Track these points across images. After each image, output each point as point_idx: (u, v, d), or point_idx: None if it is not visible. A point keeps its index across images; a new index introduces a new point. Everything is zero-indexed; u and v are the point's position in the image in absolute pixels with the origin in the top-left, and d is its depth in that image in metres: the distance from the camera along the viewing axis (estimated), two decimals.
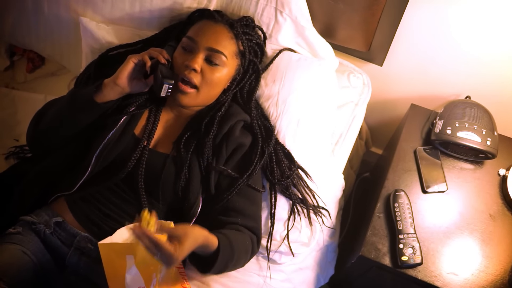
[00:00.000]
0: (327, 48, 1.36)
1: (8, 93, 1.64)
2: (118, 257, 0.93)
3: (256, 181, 1.15)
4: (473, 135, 1.28)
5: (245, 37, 1.19)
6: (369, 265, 1.21)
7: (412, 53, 1.43)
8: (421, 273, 1.15)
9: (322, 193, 1.26)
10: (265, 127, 1.22)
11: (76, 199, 1.10)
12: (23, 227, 1.08)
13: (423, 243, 1.18)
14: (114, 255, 0.93)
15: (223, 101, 1.18)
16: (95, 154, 1.07)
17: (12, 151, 1.40)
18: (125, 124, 1.11)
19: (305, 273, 1.28)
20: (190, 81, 1.09)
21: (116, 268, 0.93)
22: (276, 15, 1.31)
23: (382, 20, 1.32)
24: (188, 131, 1.13)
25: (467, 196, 1.30)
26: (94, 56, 1.32)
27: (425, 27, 1.34)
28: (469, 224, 1.24)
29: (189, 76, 1.08)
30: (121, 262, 0.92)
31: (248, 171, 1.13)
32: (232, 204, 1.10)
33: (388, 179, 1.32)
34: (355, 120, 1.42)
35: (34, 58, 1.72)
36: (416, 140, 1.41)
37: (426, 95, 1.52)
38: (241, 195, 1.12)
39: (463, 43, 1.33)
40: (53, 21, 1.50)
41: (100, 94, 1.07)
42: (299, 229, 1.21)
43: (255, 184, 1.15)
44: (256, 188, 1.14)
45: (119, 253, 0.92)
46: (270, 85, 1.28)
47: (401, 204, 1.22)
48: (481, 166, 1.36)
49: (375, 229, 1.22)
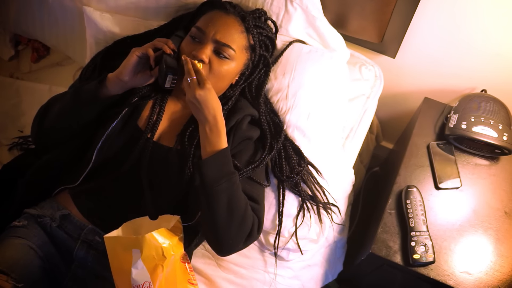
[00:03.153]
0: (338, 39, 1.33)
1: (13, 83, 1.63)
2: (124, 251, 0.92)
3: (259, 175, 1.14)
4: (489, 130, 1.26)
5: (256, 31, 1.16)
6: (380, 263, 1.20)
7: (426, 45, 1.40)
8: (433, 272, 1.13)
9: (332, 188, 1.24)
10: (274, 123, 1.19)
11: (80, 192, 1.09)
12: (28, 220, 1.07)
13: (435, 241, 1.16)
14: (120, 248, 0.93)
15: (230, 96, 1.16)
16: (97, 146, 1.06)
17: (16, 142, 1.40)
18: (128, 115, 1.09)
19: (314, 270, 1.27)
20: None
21: (122, 262, 0.93)
22: (286, 4, 1.28)
23: (396, 10, 1.29)
24: (193, 124, 1.11)
25: (482, 193, 1.28)
26: (98, 47, 1.30)
27: (440, 18, 1.31)
28: (483, 221, 1.22)
29: None
30: (127, 256, 0.92)
31: (254, 163, 1.11)
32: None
33: (400, 175, 1.29)
34: (366, 114, 1.40)
35: (39, 47, 1.71)
36: (429, 135, 1.38)
37: (440, 88, 1.49)
38: (245, 181, 1.10)
39: (479, 35, 1.30)
40: (57, 10, 1.49)
41: (104, 89, 1.05)
42: (308, 225, 1.19)
43: (258, 178, 1.13)
44: (259, 182, 1.12)
45: (125, 247, 0.92)
46: (280, 78, 1.25)
47: (413, 201, 1.20)
48: (496, 162, 1.34)
49: (386, 226, 1.20)
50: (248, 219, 1.02)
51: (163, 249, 0.90)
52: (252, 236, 1.04)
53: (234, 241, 1.01)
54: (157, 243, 0.90)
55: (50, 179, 1.12)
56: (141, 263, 0.91)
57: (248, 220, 1.02)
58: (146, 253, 0.90)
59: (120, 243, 0.93)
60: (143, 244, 0.90)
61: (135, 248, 0.91)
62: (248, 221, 1.02)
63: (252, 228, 1.04)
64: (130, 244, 0.91)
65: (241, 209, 1.00)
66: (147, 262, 0.91)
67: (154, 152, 1.08)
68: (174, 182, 1.07)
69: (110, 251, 0.94)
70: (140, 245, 0.90)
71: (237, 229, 1.00)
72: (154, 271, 0.91)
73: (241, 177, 1.08)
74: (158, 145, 1.09)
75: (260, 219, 1.08)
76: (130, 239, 0.91)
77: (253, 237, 1.05)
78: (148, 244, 0.89)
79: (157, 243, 0.90)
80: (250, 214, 1.03)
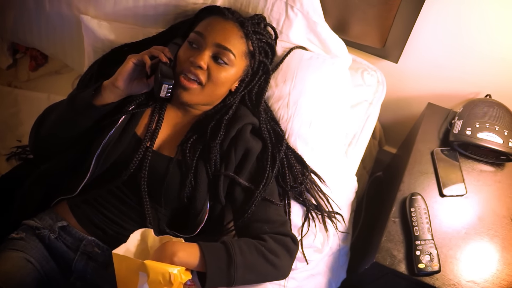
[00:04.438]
0: (340, 44, 1.31)
1: (11, 92, 1.62)
2: (130, 272, 0.90)
3: (272, 190, 1.11)
4: (494, 136, 1.25)
5: (255, 37, 1.14)
6: (384, 272, 1.18)
7: (429, 49, 1.39)
8: (438, 281, 1.11)
9: (336, 196, 1.22)
10: (274, 132, 1.17)
11: (78, 202, 1.07)
12: (26, 233, 1.05)
13: (440, 250, 1.14)
14: (127, 268, 0.91)
15: (231, 104, 1.14)
16: (95, 155, 1.04)
17: (14, 151, 1.39)
18: (125, 123, 1.07)
19: (317, 279, 1.25)
20: (196, 77, 1.04)
21: (128, 282, 0.91)
22: (287, 10, 1.26)
23: (398, 15, 1.28)
24: (194, 134, 1.09)
25: (487, 200, 1.26)
26: (96, 55, 1.29)
27: (443, 22, 1.30)
28: (489, 229, 1.20)
29: (194, 72, 1.04)
30: (133, 277, 0.90)
31: (263, 181, 1.08)
32: (253, 216, 1.06)
33: (404, 182, 1.28)
34: (369, 120, 1.39)
35: (37, 56, 1.70)
36: (433, 141, 1.37)
37: (444, 93, 1.48)
38: (260, 203, 1.07)
39: (483, 39, 1.29)
40: (55, 18, 1.48)
41: (100, 97, 1.04)
42: (314, 233, 1.17)
43: (272, 192, 1.10)
44: (274, 201, 1.09)
45: (132, 268, 0.90)
46: (281, 86, 1.24)
47: (418, 209, 1.18)
48: (502, 169, 1.32)
49: (390, 235, 1.19)
50: (274, 257, 1.00)
51: (171, 274, 0.88)
52: (290, 253, 1.04)
53: (282, 274, 1.04)
54: (165, 268, 0.88)
55: (48, 189, 1.11)
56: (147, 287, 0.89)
57: (274, 259, 1.00)
58: (152, 278, 0.88)
59: (127, 263, 0.91)
60: (150, 269, 0.88)
61: (141, 271, 0.89)
62: (274, 259, 1.00)
63: (288, 248, 1.03)
64: (137, 267, 0.89)
65: (262, 264, 0.98)
66: (153, 286, 0.88)
67: (154, 161, 1.06)
68: (174, 193, 1.05)
69: (117, 268, 0.92)
70: (147, 270, 0.88)
71: (275, 270, 1.01)
72: None
73: (256, 201, 1.06)
74: (158, 154, 1.08)
75: (291, 236, 1.06)
76: (138, 262, 0.89)
77: (292, 253, 1.05)
78: (156, 270, 0.87)
79: (164, 268, 0.88)
80: (274, 249, 1.01)
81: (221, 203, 1.08)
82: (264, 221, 1.05)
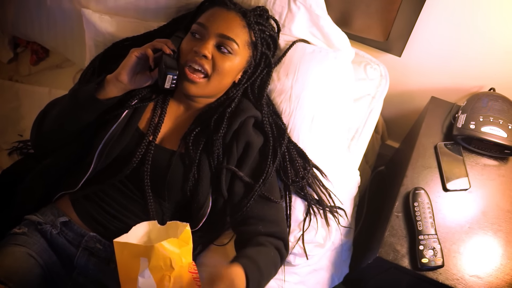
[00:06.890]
0: (343, 38, 1.30)
1: (12, 86, 1.62)
2: (132, 258, 0.91)
3: (272, 185, 1.11)
4: (498, 130, 1.24)
5: (258, 27, 1.13)
6: (387, 267, 1.18)
7: (433, 43, 1.38)
8: (442, 276, 1.11)
9: (338, 191, 1.22)
10: (276, 126, 1.17)
11: (80, 197, 1.07)
12: (29, 227, 1.05)
13: (444, 244, 1.14)
14: (128, 255, 0.92)
15: (233, 97, 1.13)
16: (97, 150, 1.04)
17: (16, 146, 1.39)
18: (128, 117, 1.07)
19: (320, 274, 1.25)
20: (202, 67, 1.03)
21: (129, 269, 0.92)
22: (289, 3, 1.25)
23: (402, 8, 1.27)
24: (197, 127, 1.09)
25: (491, 194, 1.26)
26: (98, 49, 1.29)
27: (447, 16, 1.29)
28: (493, 224, 1.20)
29: (200, 62, 1.03)
30: (134, 264, 0.90)
31: (263, 175, 1.08)
32: (251, 211, 1.06)
33: (407, 177, 1.27)
34: (372, 114, 1.38)
35: (38, 50, 1.70)
36: (436, 135, 1.36)
37: (448, 87, 1.47)
38: (258, 200, 1.07)
39: (488, 32, 1.28)
40: (56, 12, 1.48)
41: (103, 91, 1.03)
42: (315, 229, 1.16)
43: (271, 188, 1.10)
44: (272, 199, 1.09)
45: (133, 254, 0.91)
46: (283, 79, 1.23)
47: (421, 203, 1.18)
48: (506, 163, 1.31)
49: (393, 229, 1.18)
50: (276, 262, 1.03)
51: (172, 259, 0.89)
52: (282, 261, 1.06)
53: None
54: (166, 253, 0.89)
55: (50, 184, 1.10)
56: (148, 273, 0.89)
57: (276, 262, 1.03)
58: (153, 263, 0.89)
59: (128, 249, 0.91)
60: (151, 253, 0.89)
61: (143, 256, 0.90)
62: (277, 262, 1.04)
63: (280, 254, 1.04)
64: (138, 252, 0.90)
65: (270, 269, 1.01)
66: (155, 272, 0.89)
67: (157, 155, 1.06)
68: (177, 186, 1.05)
69: (118, 256, 0.92)
70: (148, 254, 0.89)
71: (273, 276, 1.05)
72: (161, 281, 0.90)
73: (255, 196, 1.06)
74: (160, 148, 1.07)
75: (284, 240, 1.06)
76: (139, 247, 0.90)
77: (283, 260, 1.07)
78: (157, 253, 0.88)
79: (165, 253, 0.89)
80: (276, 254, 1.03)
81: (224, 197, 1.07)
82: (259, 219, 1.05)
